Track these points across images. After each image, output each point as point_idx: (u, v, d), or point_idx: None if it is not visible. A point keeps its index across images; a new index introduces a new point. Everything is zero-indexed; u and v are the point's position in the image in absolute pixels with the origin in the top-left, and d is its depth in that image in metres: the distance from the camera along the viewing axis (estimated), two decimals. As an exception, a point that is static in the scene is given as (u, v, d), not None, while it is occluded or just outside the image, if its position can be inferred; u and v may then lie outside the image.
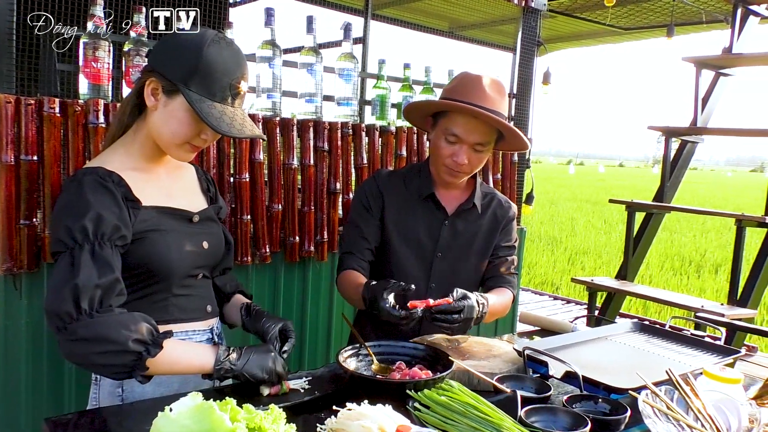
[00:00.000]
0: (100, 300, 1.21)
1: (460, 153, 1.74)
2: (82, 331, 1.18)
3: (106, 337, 1.18)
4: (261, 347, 1.37)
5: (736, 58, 4.63)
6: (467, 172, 1.80)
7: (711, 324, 2.10)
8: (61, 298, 1.19)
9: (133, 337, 1.20)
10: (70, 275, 1.20)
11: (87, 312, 1.19)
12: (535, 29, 3.03)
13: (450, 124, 1.74)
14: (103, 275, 1.22)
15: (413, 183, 1.90)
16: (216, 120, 1.30)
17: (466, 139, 1.73)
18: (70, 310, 1.18)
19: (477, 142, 1.74)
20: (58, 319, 1.19)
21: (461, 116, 1.73)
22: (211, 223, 1.53)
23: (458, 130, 1.73)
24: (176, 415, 0.98)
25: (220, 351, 1.30)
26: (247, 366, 1.30)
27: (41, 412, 1.85)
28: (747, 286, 4.26)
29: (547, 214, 16.53)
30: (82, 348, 1.19)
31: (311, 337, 2.50)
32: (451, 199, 1.90)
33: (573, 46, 7.84)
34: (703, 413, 1.17)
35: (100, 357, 1.19)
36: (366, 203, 1.89)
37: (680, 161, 4.98)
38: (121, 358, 1.20)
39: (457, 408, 1.21)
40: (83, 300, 1.19)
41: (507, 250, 1.97)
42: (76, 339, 1.19)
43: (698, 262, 10.51)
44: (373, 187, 1.90)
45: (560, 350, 1.65)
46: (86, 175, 1.31)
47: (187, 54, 1.30)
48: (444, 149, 1.77)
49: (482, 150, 1.77)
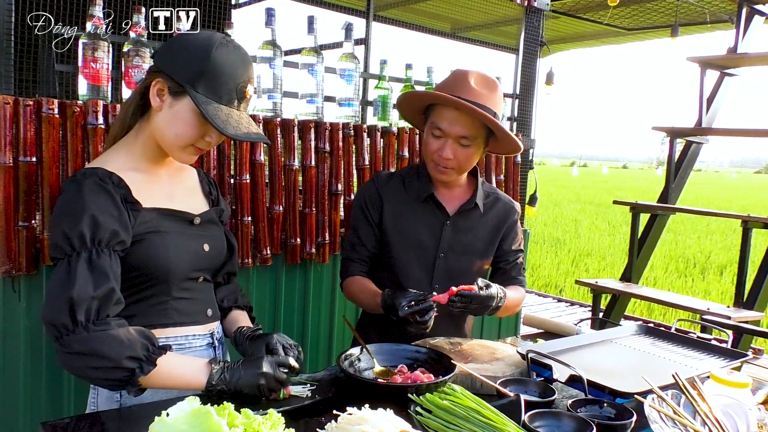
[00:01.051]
0: (97, 311, 1.21)
1: (445, 147, 1.74)
2: (77, 345, 1.19)
3: (100, 352, 1.19)
4: (252, 362, 1.31)
5: (741, 58, 4.61)
6: (454, 167, 1.78)
7: (717, 327, 2.07)
8: (57, 310, 1.19)
9: (126, 354, 1.20)
10: (66, 286, 1.20)
11: (83, 324, 1.19)
12: (538, 30, 3.01)
13: (435, 117, 1.76)
14: (99, 286, 1.22)
15: (412, 184, 1.90)
16: (222, 123, 1.29)
17: (450, 132, 1.73)
18: (67, 323, 1.19)
19: (461, 135, 1.73)
20: (55, 330, 1.20)
21: (445, 109, 1.74)
22: (213, 225, 1.52)
23: (442, 124, 1.74)
24: (173, 420, 0.96)
25: (214, 371, 1.28)
26: (239, 383, 1.27)
27: (39, 416, 1.83)
28: (753, 289, 4.23)
29: (551, 216, 16.52)
30: (77, 362, 1.21)
31: (312, 339, 2.48)
32: (452, 199, 1.89)
33: (576, 46, 7.83)
34: (710, 418, 1.15)
35: (94, 371, 1.21)
36: (364, 208, 1.90)
37: (685, 162, 4.96)
38: (114, 374, 1.21)
39: (459, 412, 1.19)
40: (79, 312, 1.19)
41: (515, 254, 1.98)
42: (72, 352, 1.20)
43: (703, 264, 10.48)
44: (372, 191, 1.90)
45: (564, 353, 1.63)
46: (85, 177, 1.30)
47: (196, 56, 1.30)
48: (431, 144, 1.78)
49: (468, 145, 1.75)
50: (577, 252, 11.07)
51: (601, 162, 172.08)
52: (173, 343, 1.41)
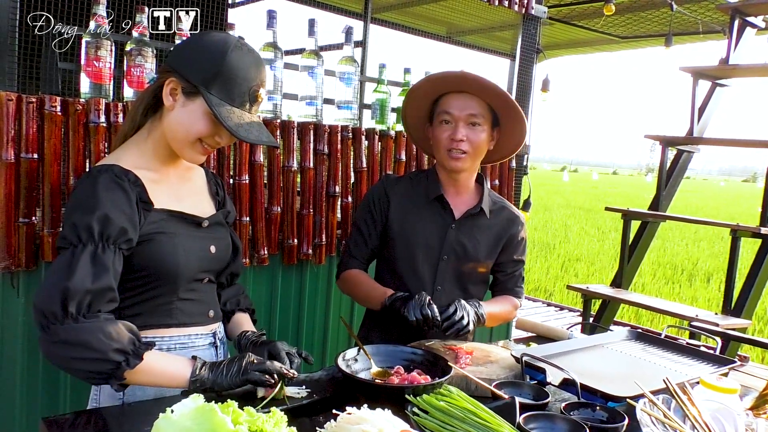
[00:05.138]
0: (89, 305, 1.21)
1: (456, 130, 1.81)
2: (64, 334, 1.17)
3: (86, 343, 1.18)
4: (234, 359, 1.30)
5: (733, 69, 4.66)
6: (467, 150, 1.82)
7: (706, 333, 2.10)
8: (50, 297, 1.18)
9: (113, 347, 1.19)
10: (65, 275, 1.20)
11: (73, 316, 1.18)
12: (534, 36, 3.04)
13: (442, 106, 1.83)
14: (97, 280, 1.22)
15: (421, 185, 1.95)
16: (235, 125, 1.31)
17: (459, 115, 1.80)
18: (56, 311, 1.17)
19: (470, 113, 1.80)
20: (43, 317, 1.18)
21: (452, 95, 1.81)
22: (220, 227, 1.53)
23: (450, 108, 1.81)
24: (178, 417, 0.97)
25: (197, 364, 1.28)
26: (219, 379, 1.26)
27: (36, 412, 1.84)
28: (741, 297, 4.27)
29: (541, 221, 16.57)
30: (62, 351, 1.19)
31: (307, 340, 2.50)
32: (459, 203, 1.93)
33: (570, 53, 7.87)
34: (700, 422, 1.18)
35: (78, 362, 1.19)
36: (371, 208, 1.94)
37: (676, 170, 5.00)
38: (98, 366, 1.19)
39: (456, 413, 1.21)
40: (71, 303, 1.18)
41: (514, 265, 2.02)
42: (57, 341, 1.18)
43: (690, 271, 10.55)
44: (381, 190, 1.95)
45: (557, 357, 1.65)
46: (101, 173, 1.30)
47: (211, 58, 1.31)
48: (442, 132, 1.83)
49: (478, 124, 1.81)
50: (567, 257, 11.12)
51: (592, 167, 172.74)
52: (176, 343, 1.43)
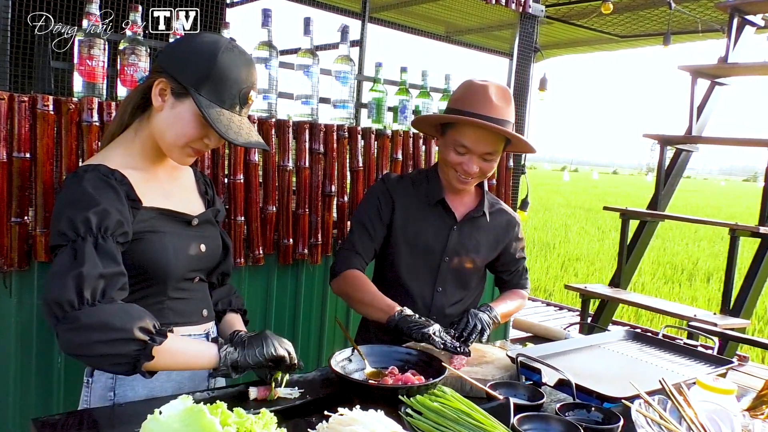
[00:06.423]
0: (103, 291, 1.18)
1: (470, 163, 1.79)
2: (85, 318, 1.14)
3: (110, 324, 1.15)
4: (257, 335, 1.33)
5: (732, 67, 4.65)
6: (479, 178, 1.87)
7: (704, 334, 2.09)
8: (63, 287, 1.15)
9: (138, 325, 1.17)
10: (74, 265, 1.17)
11: (89, 302, 1.15)
12: (532, 35, 3.03)
13: (458, 135, 1.78)
14: (107, 266, 1.20)
15: (422, 188, 1.94)
16: (224, 127, 1.29)
17: (475, 149, 1.78)
18: (72, 299, 1.14)
19: (486, 152, 1.79)
20: (59, 308, 1.14)
21: (469, 128, 1.76)
22: (209, 226, 1.52)
23: (467, 142, 1.77)
24: (166, 418, 0.97)
25: (221, 341, 1.30)
26: (247, 356, 1.28)
27: (29, 413, 1.83)
28: (740, 296, 4.26)
29: (541, 220, 16.56)
30: (85, 336, 1.14)
31: (303, 340, 2.49)
32: (460, 206, 1.95)
33: (568, 52, 7.88)
34: (695, 423, 1.17)
35: (104, 346, 1.15)
36: (378, 206, 1.91)
37: (675, 170, 4.99)
38: (126, 347, 1.16)
39: (449, 414, 1.20)
40: (86, 289, 1.15)
41: (517, 262, 2.07)
42: (79, 327, 1.14)
43: (690, 271, 10.55)
44: (384, 191, 1.93)
45: (553, 357, 1.64)
46: (87, 172, 1.29)
47: (201, 59, 1.30)
48: (454, 159, 1.81)
49: (491, 158, 1.81)
50: (567, 256, 11.11)
51: (592, 167, 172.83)
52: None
